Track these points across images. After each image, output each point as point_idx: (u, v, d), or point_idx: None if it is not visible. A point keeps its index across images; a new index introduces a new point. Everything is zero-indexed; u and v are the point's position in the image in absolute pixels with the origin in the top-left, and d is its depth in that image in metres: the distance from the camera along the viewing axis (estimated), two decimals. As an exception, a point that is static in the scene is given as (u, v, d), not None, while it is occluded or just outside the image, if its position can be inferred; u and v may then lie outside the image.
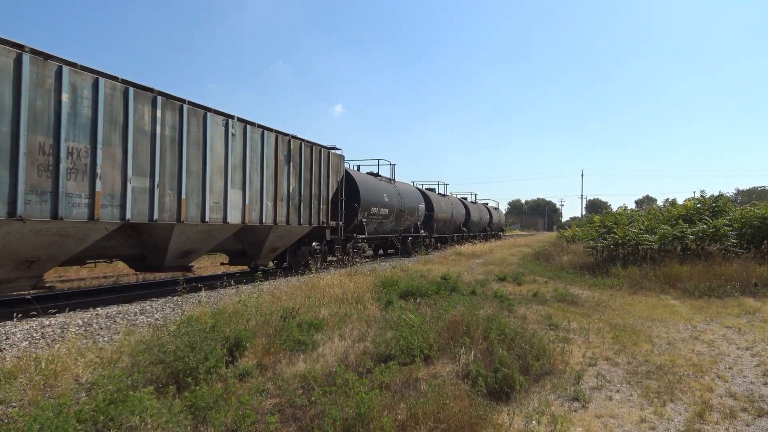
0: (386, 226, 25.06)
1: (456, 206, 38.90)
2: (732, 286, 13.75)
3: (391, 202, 24.63)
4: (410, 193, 28.80)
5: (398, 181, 28.57)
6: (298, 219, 16.33)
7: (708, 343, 8.67)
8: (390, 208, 24.53)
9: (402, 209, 26.22)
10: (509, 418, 5.10)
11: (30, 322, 8.45)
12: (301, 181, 16.54)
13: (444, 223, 35.28)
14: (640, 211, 29.59)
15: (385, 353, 6.49)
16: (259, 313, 7.92)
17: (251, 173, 13.99)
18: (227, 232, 13.34)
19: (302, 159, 16.59)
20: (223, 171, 12.85)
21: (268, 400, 5.23)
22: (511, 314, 9.81)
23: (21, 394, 5.04)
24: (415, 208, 28.60)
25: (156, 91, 10.95)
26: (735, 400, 6.02)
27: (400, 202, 26.07)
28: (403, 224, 27.41)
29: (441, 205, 34.44)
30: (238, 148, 13.46)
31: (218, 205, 12.69)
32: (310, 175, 17.14)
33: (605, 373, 6.85)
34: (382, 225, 24.32)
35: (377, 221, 23.51)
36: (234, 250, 15.59)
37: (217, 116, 12.76)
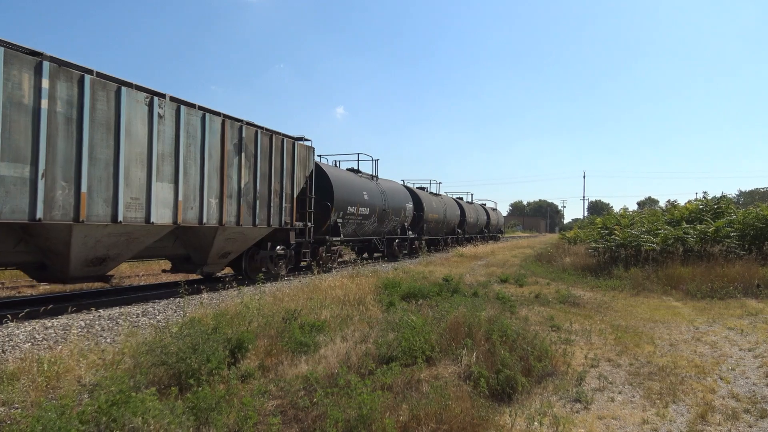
0: (367, 228, 22.96)
1: (449, 206, 36.74)
2: (734, 287, 13.73)
3: (372, 201, 22.49)
4: (396, 192, 26.55)
5: (383, 178, 26.60)
6: (254, 219, 14.04)
7: (710, 345, 8.66)
8: (371, 208, 22.37)
9: (386, 209, 24.05)
10: (511, 419, 5.09)
11: (32, 324, 8.46)
12: (256, 175, 14.12)
13: (436, 224, 33.21)
14: (642, 212, 29.53)
15: (387, 355, 6.49)
16: (261, 315, 7.93)
17: (187, 164, 11.63)
18: (155, 234, 11.12)
19: (258, 149, 14.20)
20: (145, 160, 10.50)
21: (270, 402, 5.23)
22: (513, 316, 9.81)
23: (24, 396, 5.05)
24: (402, 208, 26.48)
25: (46, 56, 8.80)
26: (737, 401, 6.01)
27: (383, 201, 23.86)
28: (388, 225, 25.30)
29: (432, 204, 32.35)
30: (168, 133, 11.05)
31: (138, 202, 10.35)
32: (269, 168, 14.75)
33: (607, 374, 6.84)
34: (362, 226, 22.27)
35: (356, 222, 21.44)
36: (176, 256, 13.49)
37: (138, 92, 10.36)
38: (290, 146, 15.96)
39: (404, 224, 27.43)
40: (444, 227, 35.43)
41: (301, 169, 16.72)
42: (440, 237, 35.79)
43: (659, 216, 23.09)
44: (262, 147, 14.48)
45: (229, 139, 13.13)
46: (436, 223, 33.17)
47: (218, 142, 12.73)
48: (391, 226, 25.82)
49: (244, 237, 14.07)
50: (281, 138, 15.46)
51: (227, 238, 13.39)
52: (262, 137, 14.50)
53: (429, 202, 31.62)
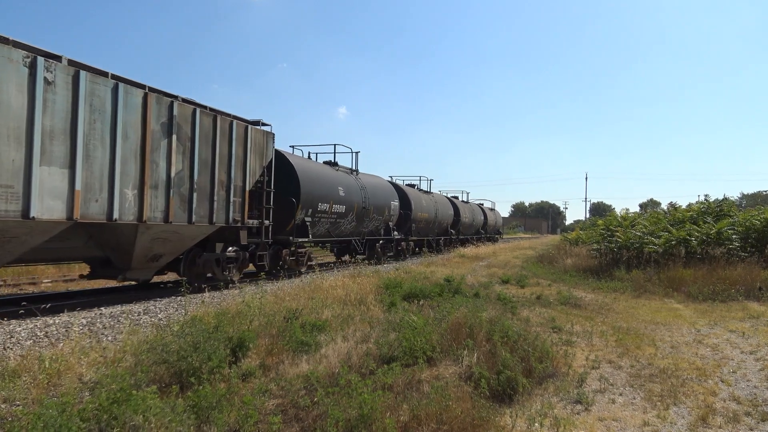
0: (344, 227, 20.55)
1: (442, 205, 33.88)
2: (736, 290, 13.72)
3: (349, 198, 20.14)
4: (379, 188, 23.94)
5: (364, 173, 24.01)
6: (189, 216, 11.63)
7: (712, 347, 8.65)
8: (348, 205, 20.02)
9: (366, 206, 21.65)
10: (512, 420, 5.09)
11: (34, 321, 8.48)
12: (194, 162, 11.69)
13: (426, 224, 30.40)
14: (643, 214, 29.50)
15: (388, 355, 6.49)
16: (262, 314, 7.93)
17: (90, 145, 9.35)
18: (42, 232, 8.83)
19: (197, 131, 11.76)
20: (24, 137, 8.28)
21: (271, 401, 5.23)
22: (515, 317, 9.81)
23: (25, 393, 5.05)
24: (386, 206, 24.04)
25: None
26: (738, 404, 6.00)
27: (363, 197, 21.50)
28: (370, 225, 22.91)
29: (422, 203, 29.45)
30: (61, 105, 8.85)
31: (11, 191, 8.15)
32: (212, 154, 12.33)
33: (608, 376, 6.84)
34: (337, 225, 19.85)
35: (329, 221, 19.03)
36: (93, 258, 11.18)
37: (13, 50, 8.20)
38: (241, 130, 13.54)
39: (389, 224, 25.06)
40: (435, 227, 32.77)
41: (257, 157, 14.21)
42: (431, 238, 32.93)
43: (661, 218, 23.07)
44: (203, 129, 12.02)
45: (155, 117, 10.68)
46: (426, 223, 30.56)
47: (138, 120, 10.33)
48: (373, 226, 23.47)
49: (180, 237, 11.65)
50: (229, 120, 13.09)
51: (155, 238, 11.06)
52: (203, 117, 12.03)
53: (418, 201, 29.04)
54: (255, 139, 14.14)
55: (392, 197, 25.38)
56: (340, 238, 21.07)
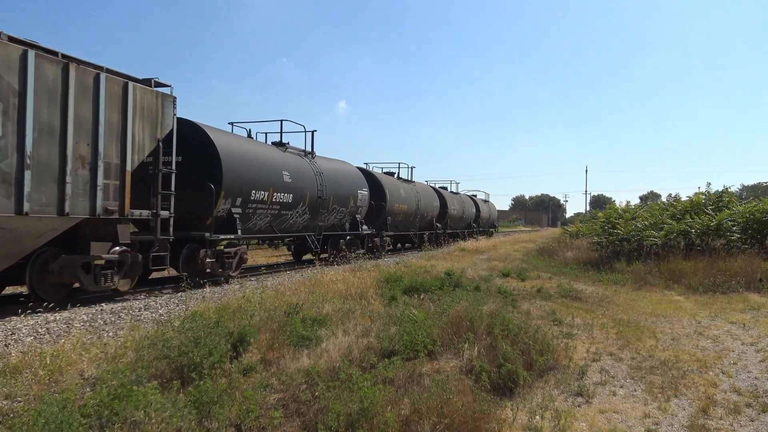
0: (293, 221, 16.91)
1: (425, 196, 30.18)
2: (737, 281, 13.72)
3: (299, 185, 16.56)
4: (342, 175, 20.52)
5: (327, 157, 20.53)
6: (19, 203, 8.32)
7: (712, 339, 8.65)
8: (297, 194, 16.44)
9: (323, 196, 18.13)
10: (513, 413, 5.10)
11: (35, 318, 8.48)
12: (25, 127, 8.34)
13: (405, 216, 26.82)
14: (644, 206, 29.47)
15: (388, 349, 6.50)
16: (262, 309, 7.94)
17: None
18: None
19: (31, 85, 8.40)
20: None
21: (272, 395, 5.24)
22: (515, 310, 9.81)
23: (26, 389, 5.06)
24: (351, 196, 20.51)
25: None
26: (739, 395, 6.01)
27: (319, 185, 17.88)
28: (330, 218, 19.38)
29: (400, 193, 25.85)
30: None
31: None
32: (62, 118, 8.93)
33: (609, 368, 6.85)
34: (282, 219, 16.27)
35: (270, 213, 15.47)
36: None
37: None
38: (117, 89, 10.08)
39: (356, 217, 21.46)
40: (417, 221, 29.07)
41: (146, 126, 10.77)
42: (412, 233, 29.24)
43: (662, 209, 23.05)
44: (43, 81, 8.65)
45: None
46: (406, 216, 26.91)
47: None
48: (336, 219, 19.95)
49: (6, 234, 8.27)
50: (94, 73, 9.60)
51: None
52: (43, 65, 8.64)
53: (395, 190, 25.37)
54: (142, 101, 10.66)
55: (360, 185, 21.55)
56: (287, 234, 17.44)
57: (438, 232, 33.10)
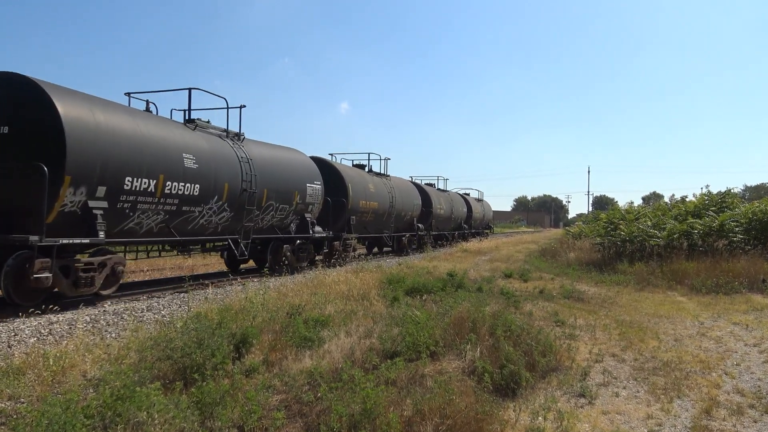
0: (205, 221, 12.95)
1: (402, 192, 26.12)
2: (739, 282, 13.68)
3: (209, 173, 12.67)
4: (284, 165, 16.31)
5: (264, 142, 16.55)
6: None
7: (715, 340, 8.64)
8: (206, 184, 12.56)
9: (252, 189, 14.11)
10: (515, 414, 5.10)
11: (38, 319, 8.50)
12: None
13: (376, 216, 22.90)
14: (647, 207, 29.43)
15: (391, 349, 6.50)
16: (265, 310, 7.95)
17: None
18: None
19: None
20: None
21: (275, 396, 5.25)
22: (518, 311, 9.80)
23: (29, 390, 5.07)
24: (297, 191, 16.38)
25: None
26: (742, 396, 6.00)
27: (245, 175, 13.90)
28: (265, 218, 15.31)
29: (366, 188, 21.94)
30: None
31: None
32: None
33: (612, 369, 6.84)
34: (186, 219, 12.35)
35: (165, 210, 11.61)
36: None
37: None
38: None
39: (304, 216, 17.25)
40: (393, 221, 24.96)
41: None
42: (386, 235, 24.88)
43: (665, 210, 23.02)
44: None
45: None
46: (377, 215, 23.10)
47: None
48: (276, 220, 15.92)
49: None
50: None
51: None
52: None
53: (361, 184, 21.51)
54: None
55: (310, 178, 17.46)
56: (197, 238, 13.43)
57: (420, 234, 28.97)
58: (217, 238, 14.25)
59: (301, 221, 17.23)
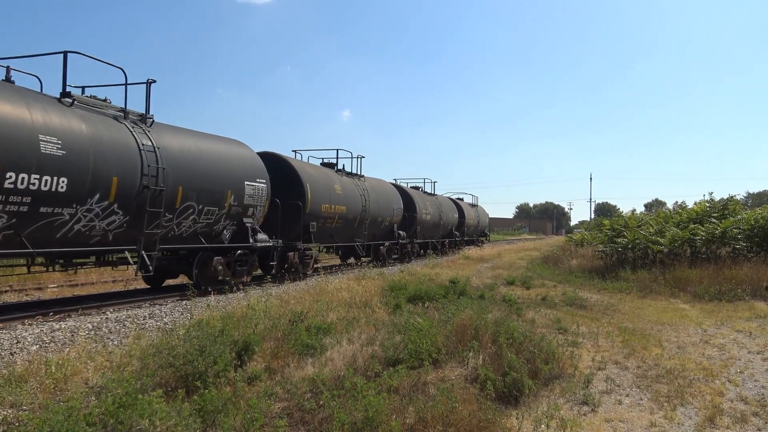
0: (83, 226, 9.87)
1: (378, 196, 22.54)
2: (743, 289, 13.65)
3: (82, 163, 9.59)
4: (204, 156, 12.68)
5: (179, 127, 13.00)
6: None
7: (718, 347, 8.61)
8: (76, 176, 9.50)
9: (160, 186, 11.07)
10: (518, 421, 5.08)
11: (40, 326, 8.51)
12: None
13: (344, 223, 19.47)
14: (650, 214, 29.39)
15: (393, 357, 6.49)
16: (267, 317, 7.94)
17: None
18: None
19: None
20: None
21: (277, 404, 5.24)
22: (520, 318, 9.79)
23: (31, 398, 5.07)
24: (222, 191, 12.92)
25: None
26: (746, 404, 5.97)
27: (146, 166, 10.81)
28: (180, 225, 11.95)
29: (331, 190, 18.43)
30: None
31: None
32: None
33: (615, 377, 6.82)
34: (49, 223, 9.30)
35: (12, 211, 8.65)
36: None
37: None
38: None
39: (243, 221, 13.85)
40: (364, 229, 21.29)
41: None
42: (359, 244, 21.27)
43: (668, 217, 23.01)
44: None
45: None
46: (344, 222, 19.57)
47: None
48: (202, 226, 12.58)
49: None
50: None
51: None
52: None
53: (324, 186, 18.03)
54: None
55: (244, 175, 13.80)
56: (65, 250, 10.09)
57: (402, 243, 25.18)
58: (108, 249, 10.84)
59: (238, 228, 13.91)
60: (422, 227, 28.14)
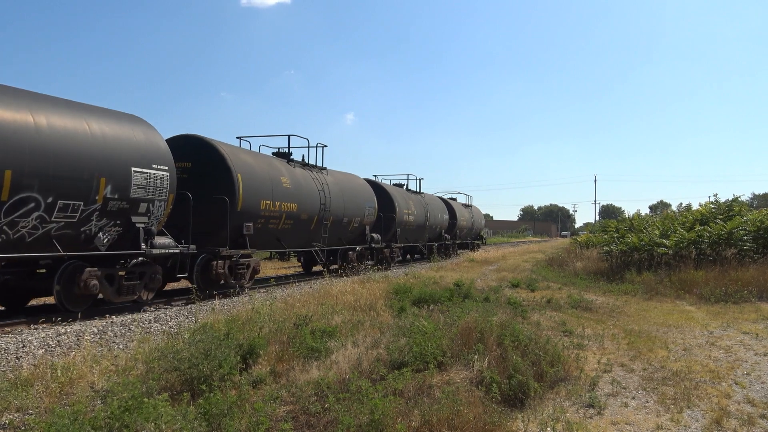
0: None
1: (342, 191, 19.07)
2: (749, 291, 13.59)
3: None
4: (56, 131, 9.10)
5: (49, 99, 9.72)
6: None
7: (725, 349, 8.57)
8: None
9: None
10: (524, 424, 5.07)
11: (46, 330, 8.53)
12: None
13: (296, 223, 16.06)
14: (655, 216, 29.31)
15: (398, 360, 6.48)
16: (272, 321, 7.95)
17: None
18: None
19: None
20: None
21: (282, 407, 5.24)
22: (525, 321, 9.76)
23: (37, 402, 5.09)
24: (91, 180, 9.57)
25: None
26: (753, 406, 5.94)
27: None
28: (31, 224, 8.77)
29: (274, 183, 14.89)
30: None
31: None
32: None
33: (621, 379, 6.79)
34: None
35: None
36: None
37: None
38: None
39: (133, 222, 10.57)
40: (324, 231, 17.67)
41: None
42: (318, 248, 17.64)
43: (673, 219, 22.94)
44: None
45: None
46: (297, 223, 16.20)
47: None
48: (62, 225, 9.33)
49: None
50: None
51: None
52: None
53: (264, 179, 14.64)
54: None
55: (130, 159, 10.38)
56: None
57: (375, 248, 21.21)
58: None
59: (125, 230, 10.54)
60: (403, 230, 24.51)
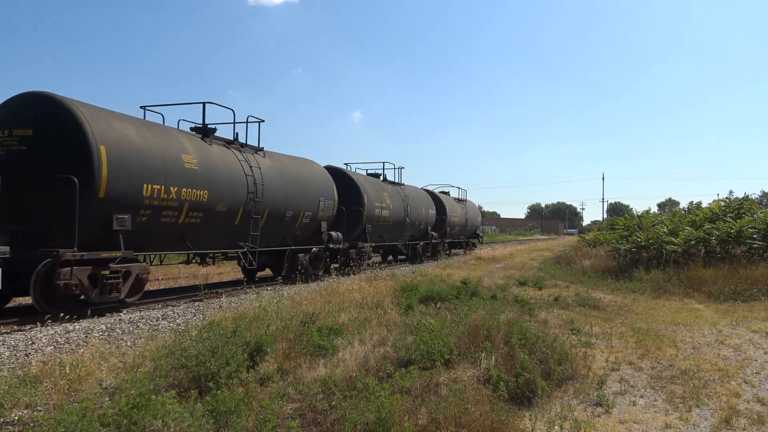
0: None
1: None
2: (758, 289, 13.49)
3: None
4: None
5: None
6: None
7: (734, 348, 8.51)
8: None
9: None
10: (531, 423, 5.05)
11: (54, 328, 8.58)
12: None
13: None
14: (663, 214, 29.15)
15: (405, 358, 6.47)
16: (279, 318, 7.95)
17: None
18: None
19: None
20: None
21: (289, 405, 5.24)
22: (532, 319, 9.73)
23: (46, 398, 5.12)
24: None
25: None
26: (763, 405, 5.90)
27: None
28: None
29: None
30: None
31: None
32: None
33: (629, 377, 6.76)
34: None
35: None
36: None
37: None
38: None
39: None
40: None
41: None
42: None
43: (682, 217, 22.81)
44: None
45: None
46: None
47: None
48: None
49: None
50: None
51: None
52: None
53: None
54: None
55: None
56: None
57: (334, 249, 17.94)
58: None
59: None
60: (376, 227, 21.01)
